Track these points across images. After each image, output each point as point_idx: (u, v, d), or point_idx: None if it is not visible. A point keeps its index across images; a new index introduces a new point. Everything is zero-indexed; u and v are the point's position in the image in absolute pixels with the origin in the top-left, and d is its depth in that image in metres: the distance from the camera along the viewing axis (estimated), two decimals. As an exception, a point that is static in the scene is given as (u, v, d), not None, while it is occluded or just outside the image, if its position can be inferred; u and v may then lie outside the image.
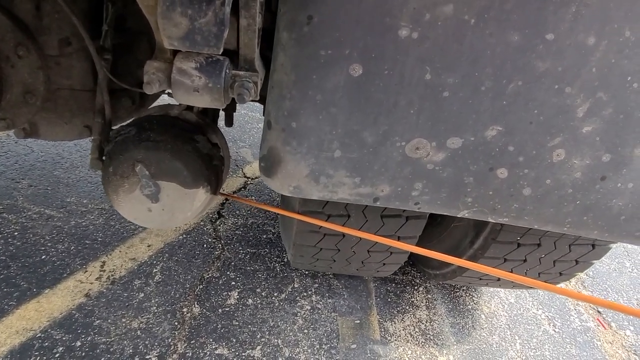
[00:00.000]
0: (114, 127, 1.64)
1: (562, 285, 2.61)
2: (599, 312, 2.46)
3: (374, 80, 0.98)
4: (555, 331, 2.28)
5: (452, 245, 1.99)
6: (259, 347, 1.95)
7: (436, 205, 1.16)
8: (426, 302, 2.32)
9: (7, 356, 1.74)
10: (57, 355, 1.78)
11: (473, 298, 2.40)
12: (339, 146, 1.06)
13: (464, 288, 2.45)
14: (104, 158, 1.56)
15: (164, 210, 1.55)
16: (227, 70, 1.16)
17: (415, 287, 2.40)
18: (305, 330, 2.06)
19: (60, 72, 1.64)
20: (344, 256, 1.79)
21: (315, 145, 1.06)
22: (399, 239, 1.64)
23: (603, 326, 2.36)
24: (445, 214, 1.20)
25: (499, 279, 1.86)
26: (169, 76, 1.16)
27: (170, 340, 1.92)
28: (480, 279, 1.90)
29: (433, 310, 2.28)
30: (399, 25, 0.93)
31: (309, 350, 1.98)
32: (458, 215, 1.20)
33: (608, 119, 1.02)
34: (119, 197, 1.51)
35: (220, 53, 1.06)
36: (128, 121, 1.65)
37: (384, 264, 1.85)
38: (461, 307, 2.33)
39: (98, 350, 1.83)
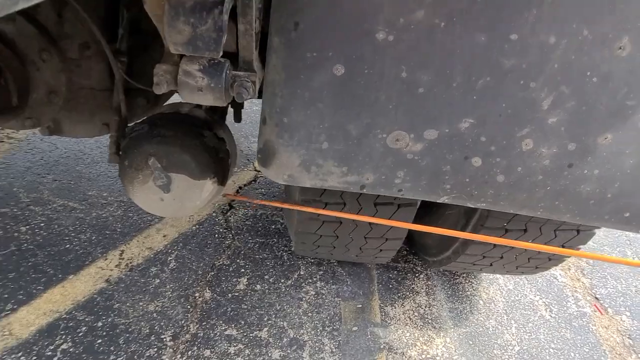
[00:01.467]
0: (130, 124, 1.78)
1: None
2: (596, 298, 2.53)
3: (356, 78, 1.09)
4: (551, 316, 2.36)
5: (447, 232, 2.11)
6: (265, 329, 2.09)
7: (418, 191, 1.27)
8: (426, 288, 2.42)
9: (36, 335, 1.91)
10: (80, 335, 1.94)
11: (472, 285, 2.49)
12: (326, 138, 1.18)
13: (464, 275, 2.55)
14: (120, 153, 1.70)
15: (175, 200, 1.69)
16: (228, 71, 1.29)
17: (417, 275, 2.51)
18: (310, 314, 2.19)
19: (81, 73, 1.79)
20: (342, 242, 1.91)
21: (305, 138, 1.18)
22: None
23: (600, 311, 2.43)
24: (427, 199, 1.31)
25: (491, 264, 1.96)
26: (176, 77, 1.29)
27: (183, 322, 2.07)
28: (474, 264, 1.99)
29: (432, 296, 2.38)
30: (376, 30, 1.04)
31: (313, 332, 2.11)
32: (439, 201, 1.31)
33: (571, 111, 1.12)
34: (134, 188, 1.66)
35: (219, 56, 1.19)
36: (142, 118, 1.80)
37: (381, 250, 1.96)
38: (460, 293, 2.43)
39: (118, 330, 1.99)
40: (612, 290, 2.59)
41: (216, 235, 2.59)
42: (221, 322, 2.10)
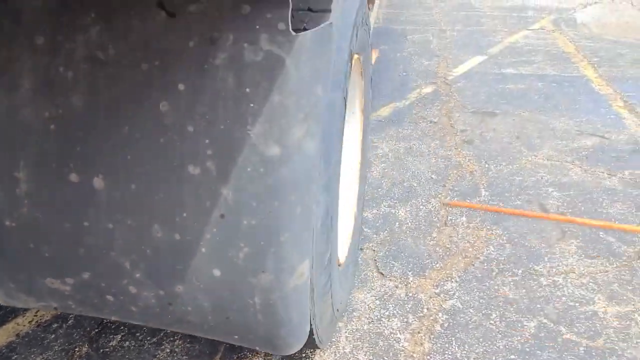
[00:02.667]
0: None
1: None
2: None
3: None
4: (370, 381, 2.60)
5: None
6: (113, 382, 2.63)
7: (93, 313, 1.72)
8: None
9: (-51, 379, 2.64)
10: (-22, 381, 2.64)
11: (310, 348, 2.80)
12: (10, 282, 1.67)
13: (308, 337, 2.86)
14: None
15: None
16: None
17: (266, 335, 2.87)
18: (154, 370, 2.68)
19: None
20: None
21: (-3, 281, 1.69)
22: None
23: (423, 379, 2.61)
24: (102, 318, 1.74)
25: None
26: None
27: (55, 372, 2.68)
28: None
29: (269, 357, 2.74)
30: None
31: (148, 387, 2.60)
32: (111, 319, 1.73)
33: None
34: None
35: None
36: None
37: None
38: (295, 355, 2.75)
39: (5, 378, 2.65)
40: (449, 357, 2.73)
41: (116, 295, 3.18)
42: (83, 374, 2.67)
